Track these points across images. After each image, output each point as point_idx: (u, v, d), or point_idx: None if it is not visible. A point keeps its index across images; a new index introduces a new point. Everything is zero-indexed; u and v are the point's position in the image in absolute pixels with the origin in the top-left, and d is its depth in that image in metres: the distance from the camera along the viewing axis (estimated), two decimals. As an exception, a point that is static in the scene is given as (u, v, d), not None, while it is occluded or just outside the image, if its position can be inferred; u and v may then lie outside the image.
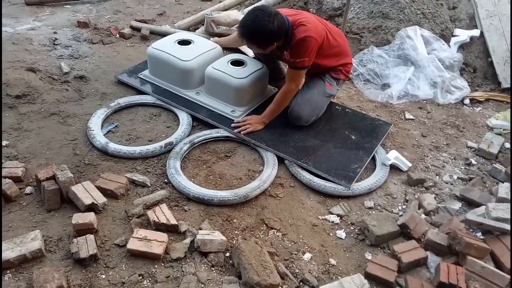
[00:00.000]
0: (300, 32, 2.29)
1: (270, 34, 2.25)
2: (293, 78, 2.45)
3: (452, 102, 3.11)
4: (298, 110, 2.55)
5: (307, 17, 2.40)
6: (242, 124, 2.53)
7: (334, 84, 2.65)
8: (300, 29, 2.30)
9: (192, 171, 2.31)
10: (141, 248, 1.76)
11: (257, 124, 2.54)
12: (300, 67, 2.40)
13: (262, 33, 2.25)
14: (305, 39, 2.29)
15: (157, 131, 2.58)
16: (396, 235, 1.94)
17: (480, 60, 3.38)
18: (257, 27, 2.24)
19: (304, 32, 2.29)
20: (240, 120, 2.56)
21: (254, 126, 2.53)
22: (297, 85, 2.50)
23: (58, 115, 2.62)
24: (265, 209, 2.11)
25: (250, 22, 2.27)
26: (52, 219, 1.94)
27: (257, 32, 2.26)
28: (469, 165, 2.50)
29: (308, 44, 2.31)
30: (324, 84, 2.62)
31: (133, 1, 4.58)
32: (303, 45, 2.31)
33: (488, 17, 3.41)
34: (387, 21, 3.43)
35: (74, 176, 2.14)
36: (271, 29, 2.22)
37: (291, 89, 2.47)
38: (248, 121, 2.55)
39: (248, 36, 2.32)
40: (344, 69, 2.67)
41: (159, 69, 2.88)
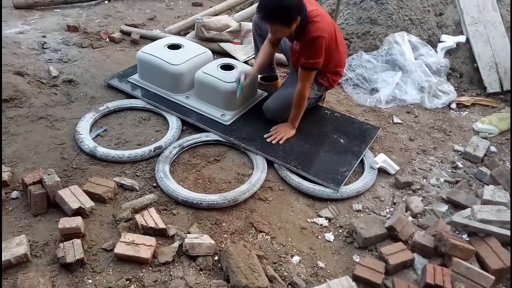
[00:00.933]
0: (315, 30, 2.23)
1: (291, 8, 2.12)
2: (305, 78, 2.39)
3: (439, 106, 3.16)
4: (268, 104, 2.64)
5: (322, 14, 2.31)
6: (274, 134, 2.54)
7: (314, 88, 2.62)
8: (315, 26, 2.23)
9: (181, 175, 2.31)
10: (129, 252, 1.75)
11: (288, 130, 2.57)
12: (313, 68, 2.36)
13: (283, 9, 2.11)
14: (318, 38, 2.23)
15: (146, 135, 2.58)
16: (384, 237, 1.96)
17: (466, 66, 3.44)
18: (276, 3, 2.11)
19: (318, 31, 2.22)
20: (271, 132, 2.56)
21: (288, 134, 2.55)
22: (310, 82, 2.43)
23: (46, 119, 2.60)
24: (254, 212, 2.11)
25: (268, 1, 2.14)
26: (38, 224, 1.92)
27: (278, 9, 2.12)
28: (455, 168, 2.53)
29: (320, 44, 2.26)
30: None
31: (124, 5, 4.58)
32: (316, 44, 2.25)
33: (473, 23, 3.47)
34: (376, 27, 3.48)
35: (62, 180, 2.13)
36: (291, 3, 2.10)
37: (305, 87, 2.41)
38: (278, 131, 2.56)
39: (271, 14, 2.17)
40: (332, 78, 2.63)
41: (149, 73, 2.88)
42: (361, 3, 3.58)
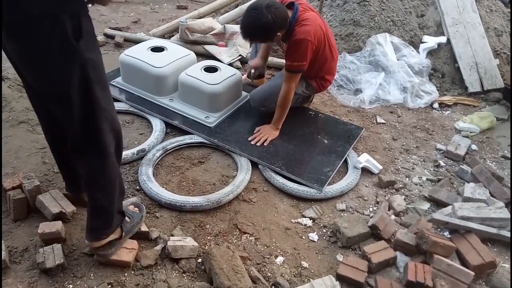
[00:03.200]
0: (301, 32, 2.30)
1: (268, 27, 2.25)
2: (289, 80, 2.43)
3: (421, 106, 3.20)
4: (254, 92, 2.71)
5: (312, 19, 2.36)
6: (258, 135, 2.54)
7: (303, 85, 2.65)
8: (301, 29, 2.31)
9: (165, 177, 2.29)
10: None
11: (272, 131, 2.57)
12: (297, 70, 2.40)
13: (260, 28, 2.26)
14: (303, 41, 2.30)
15: (130, 138, 2.55)
16: (367, 236, 1.97)
17: (447, 66, 3.50)
18: (253, 25, 2.26)
19: (303, 34, 2.29)
20: (255, 134, 2.56)
21: (271, 135, 2.55)
22: (295, 85, 2.46)
23: (27, 123, 2.56)
24: (238, 214, 2.10)
25: (246, 23, 2.29)
26: (18, 229, 1.89)
27: (255, 29, 2.28)
28: (437, 167, 2.57)
29: (305, 46, 2.31)
30: None
31: (108, 8, 4.55)
32: (300, 47, 2.32)
33: (454, 24, 3.53)
34: (359, 29, 3.52)
35: (43, 185, 2.10)
36: (266, 22, 2.22)
37: (290, 88, 2.44)
38: (262, 132, 2.56)
39: (250, 36, 2.35)
40: (321, 82, 2.68)
41: (132, 76, 2.86)
42: (344, 5, 3.62)
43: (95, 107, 1.42)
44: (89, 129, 1.47)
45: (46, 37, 1.24)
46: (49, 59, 1.30)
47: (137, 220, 1.87)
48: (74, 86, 1.35)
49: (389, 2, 3.58)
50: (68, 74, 1.32)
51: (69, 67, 1.31)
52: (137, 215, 1.89)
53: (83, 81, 1.36)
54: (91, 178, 1.60)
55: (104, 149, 1.52)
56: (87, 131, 1.47)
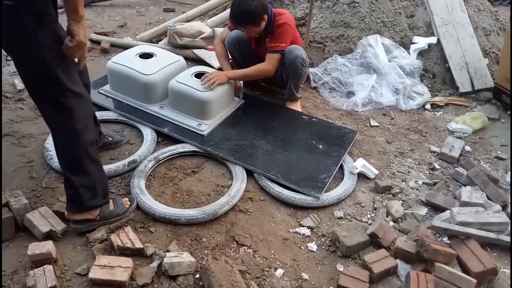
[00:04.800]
0: (282, 19, 2.66)
1: (256, 10, 2.54)
2: (271, 61, 2.68)
3: (414, 108, 3.19)
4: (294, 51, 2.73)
5: (286, 13, 2.76)
6: (209, 77, 2.58)
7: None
8: (281, 17, 2.67)
9: (158, 189, 2.23)
10: (104, 276, 1.66)
11: (223, 76, 2.63)
12: (279, 50, 2.67)
13: (250, 12, 2.53)
14: (284, 25, 2.65)
15: (120, 149, 2.48)
16: (367, 244, 1.95)
17: (438, 66, 3.50)
18: (244, 9, 2.53)
19: (284, 19, 2.66)
20: (207, 76, 2.59)
21: (220, 79, 2.60)
22: (274, 67, 2.70)
23: (12, 136, 2.47)
24: (235, 225, 2.06)
25: (237, 9, 2.56)
26: (6, 251, 1.81)
27: (246, 13, 2.53)
28: (433, 170, 2.56)
29: (286, 29, 2.65)
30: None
31: (92, 12, 4.44)
32: (283, 30, 2.65)
33: (443, 24, 3.54)
34: (349, 30, 3.50)
35: (31, 202, 2.02)
36: (256, 5, 2.52)
37: (267, 69, 2.69)
38: (213, 75, 2.60)
39: (241, 21, 2.61)
40: None
41: (121, 84, 2.79)
42: (334, 7, 3.59)
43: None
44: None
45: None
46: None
47: (118, 211, 1.96)
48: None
49: (379, 3, 3.57)
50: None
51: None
52: (121, 208, 1.97)
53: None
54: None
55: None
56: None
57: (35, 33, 1.51)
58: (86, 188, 1.81)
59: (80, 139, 1.73)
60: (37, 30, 1.51)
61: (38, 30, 1.51)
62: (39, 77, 1.62)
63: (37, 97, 1.70)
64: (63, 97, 1.65)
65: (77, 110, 1.69)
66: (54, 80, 1.60)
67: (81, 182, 1.80)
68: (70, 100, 1.66)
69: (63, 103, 1.65)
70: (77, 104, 1.69)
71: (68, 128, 1.71)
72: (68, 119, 1.69)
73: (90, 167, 1.81)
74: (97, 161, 1.86)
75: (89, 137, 1.78)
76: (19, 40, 1.52)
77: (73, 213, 1.87)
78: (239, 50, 2.91)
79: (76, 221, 1.87)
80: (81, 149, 1.76)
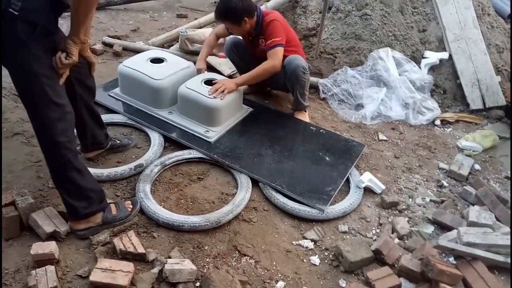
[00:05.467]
0: (269, 17, 2.71)
1: (237, 9, 2.60)
2: (273, 56, 2.65)
3: (423, 123, 3.17)
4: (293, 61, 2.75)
5: (274, 13, 2.86)
6: (217, 86, 2.61)
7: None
8: (268, 17, 2.72)
9: (163, 194, 2.23)
10: (105, 280, 1.66)
11: (231, 84, 2.65)
12: (276, 44, 2.65)
13: (230, 9, 2.61)
14: (274, 21, 2.68)
15: (127, 152, 2.50)
16: (370, 261, 1.92)
17: (449, 82, 3.47)
18: (225, 5, 2.62)
19: (272, 17, 2.71)
20: (215, 86, 2.62)
21: (228, 87, 2.62)
22: (278, 61, 2.67)
23: (21, 135, 2.50)
24: (238, 234, 2.05)
25: (220, 4, 2.66)
26: (10, 249, 1.82)
27: (226, 9, 2.62)
28: (441, 187, 2.53)
29: (276, 25, 2.68)
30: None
31: (107, 16, 4.50)
32: (273, 26, 2.67)
33: (455, 40, 3.52)
34: (360, 42, 3.49)
35: (37, 201, 2.04)
36: (236, 4, 2.58)
37: (272, 64, 2.65)
38: (221, 84, 2.63)
39: (221, 15, 2.68)
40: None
41: (131, 88, 2.81)
42: (346, 18, 3.59)
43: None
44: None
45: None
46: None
47: (121, 215, 1.98)
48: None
49: (391, 16, 3.56)
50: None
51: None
52: (124, 212, 1.99)
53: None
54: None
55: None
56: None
57: (27, 41, 1.55)
58: (74, 198, 1.83)
59: (63, 151, 1.73)
60: (29, 39, 1.55)
61: (31, 39, 1.55)
62: (24, 84, 1.65)
63: (24, 103, 1.72)
64: (46, 108, 1.66)
65: (59, 122, 1.70)
66: (39, 89, 1.62)
67: (68, 193, 1.82)
68: (52, 112, 1.67)
69: (46, 113, 1.67)
70: (59, 116, 1.70)
71: (51, 141, 1.71)
72: (50, 131, 1.70)
73: (77, 178, 1.80)
74: (83, 171, 1.85)
75: (73, 149, 1.79)
76: (11, 46, 1.56)
77: (75, 223, 1.88)
78: (237, 54, 3.01)
79: (80, 229, 1.89)
80: (65, 161, 1.76)
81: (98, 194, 1.92)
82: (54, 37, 1.67)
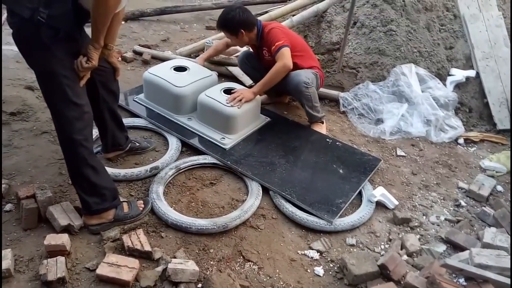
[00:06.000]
0: (268, 28, 2.81)
1: (233, 20, 2.73)
2: (281, 57, 2.71)
3: (445, 141, 3.08)
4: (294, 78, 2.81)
5: (273, 23, 2.98)
6: (235, 95, 2.69)
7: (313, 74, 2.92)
8: (267, 27, 2.83)
9: (175, 197, 2.29)
10: (110, 274, 1.72)
11: (248, 93, 2.73)
12: (281, 47, 2.71)
13: (227, 20, 2.74)
14: (273, 29, 2.79)
15: (145, 155, 2.59)
16: (375, 275, 1.88)
17: (476, 101, 3.38)
18: (223, 17, 2.76)
19: (270, 26, 2.81)
20: (231, 96, 2.70)
21: (246, 96, 2.70)
22: (288, 60, 2.71)
23: (49, 133, 2.65)
24: (244, 240, 2.06)
25: (221, 14, 2.79)
26: (27, 238, 1.92)
27: (223, 19, 2.76)
28: (458, 207, 2.44)
29: (276, 31, 2.77)
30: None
31: (140, 26, 4.72)
32: (272, 33, 2.77)
33: (484, 58, 3.43)
34: (384, 58, 3.47)
35: (56, 196, 2.15)
36: (233, 16, 2.72)
37: (282, 65, 2.70)
38: (239, 93, 2.71)
39: (219, 24, 2.81)
40: (315, 70, 2.95)
41: (154, 94, 2.93)
42: (370, 34, 3.59)
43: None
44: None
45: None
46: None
47: (132, 214, 2.05)
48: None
49: (417, 33, 3.52)
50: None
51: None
52: (135, 210, 2.06)
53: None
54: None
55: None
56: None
57: (50, 45, 1.67)
58: (88, 194, 1.92)
59: (79, 149, 1.83)
60: (52, 43, 1.67)
61: (54, 43, 1.67)
62: (47, 84, 1.78)
63: (46, 102, 1.84)
64: (65, 107, 1.77)
65: (77, 121, 1.80)
66: (59, 89, 1.74)
67: (82, 188, 1.92)
68: (71, 111, 1.78)
69: (65, 112, 1.78)
70: (77, 116, 1.80)
71: (68, 138, 1.82)
72: (68, 129, 1.80)
73: (91, 175, 1.89)
74: (98, 169, 1.94)
75: (89, 147, 1.88)
76: (36, 49, 1.69)
77: (88, 218, 1.97)
78: (250, 65, 3.15)
79: (93, 224, 1.98)
80: (80, 158, 1.85)
81: (112, 192, 2.01)
82: (77, 42, 1.79)
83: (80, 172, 1.89)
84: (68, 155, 1.89)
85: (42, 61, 1.71)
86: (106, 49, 2.03)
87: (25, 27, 1.64)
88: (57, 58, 1.70)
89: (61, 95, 1.76)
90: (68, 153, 1.88)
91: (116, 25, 2.05)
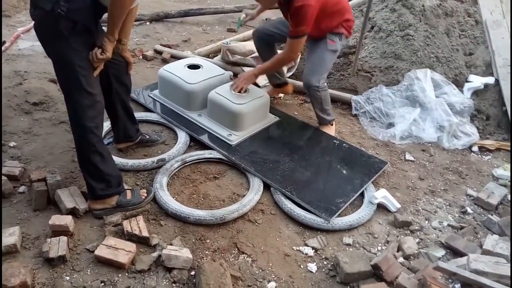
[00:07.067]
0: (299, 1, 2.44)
1: None
2: (292, 47, 2.63)
3: (458, 147, 3.01)
4: (306, 77, 2.75)
5: None
6: (237, 82, 2.74)
7: (336, 40, 2.77)
8: None
9: (178, 188, 2.36)
10: (107, 256, 1.81)
11: (249, 76, 2.78)
12: (300, 35, 2.56)
13: None
14: (303, 7, 2.44)
15: (155, 147, 2.68)
16: (368, 275, 1.86)
17: (494, 108, 3.28)
18: None
19: (302, 0, 2.43)
20: (234, 83, 2.76)
21: (247, 80, 2.76)
22: (295, 54, 2.70)
23: (66, 123, 2.78)
24: (240, 233, 2.10)
25: None
26: (35, 218, 2.04)
27: None
28: (464, 214, 2.38)
29: (305, 12, 2.46)
30: (326, 42, 2.75)
31: (163, 27, 4.87)
32: (300, 13, 2.47)
33: (505, 65, 3.32)
34: (399, 62, 3.43)
35: (67, 181, 2.27)
36: None
37: (288, 57, 2.69)
38: (240, 79, 2.76)
39: None
40: (347, 24, 2.78)
41: (167, 90, 3.03)
42: (387, 38, 3.56)
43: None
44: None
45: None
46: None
47: (134, 201, 2.14)
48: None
49: (435, 38, 3.47)
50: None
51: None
52: (138, 198, 2.15)
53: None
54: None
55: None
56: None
57: (68, 36, 1.77)
58: (94, 179, 2.03)
59: (89, 135, 1.94)
60: (70, 34, 1.77)
61: (71, 34, 1.78)
62: (62, 72, 1.89)
63: (62, 89, 1.96)
64: (79, 95, 1.88)
65: (89, 109, 1.91)
66: (74, 77, 1.84)
67: (89, 174, 2.03)
68: (84, 99, 1.89)
69: (78, 100, 1.89)
70: (90, 104, 1.91)
71: (80, 124, 1.93)
72: (80, 116, 1.91)
73: (98, 161, 2.00)
74: (105, 156, 2.04)
75: (99, 134, 1.99)
76: (54, 40, 1.80)
77: (93, 203, 2.08)
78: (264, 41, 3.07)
79: (96, 209, 2.08)
80: (89, 144, 1.96)
81: (116, 179, 2.10)
82: (93, 35, 1.89)
83: (88, 157, 1.99)
84: (78, 140, 2.00)
85: (59, 51, 1.82)
86: (120, 43, 2.15)
87: (46, 18, 1.76)
88: (73, 49, 1.81)
89: (75, 84, 1.86)
90: (79, 139, 1.99)
91: (130, 21, 2.15)
